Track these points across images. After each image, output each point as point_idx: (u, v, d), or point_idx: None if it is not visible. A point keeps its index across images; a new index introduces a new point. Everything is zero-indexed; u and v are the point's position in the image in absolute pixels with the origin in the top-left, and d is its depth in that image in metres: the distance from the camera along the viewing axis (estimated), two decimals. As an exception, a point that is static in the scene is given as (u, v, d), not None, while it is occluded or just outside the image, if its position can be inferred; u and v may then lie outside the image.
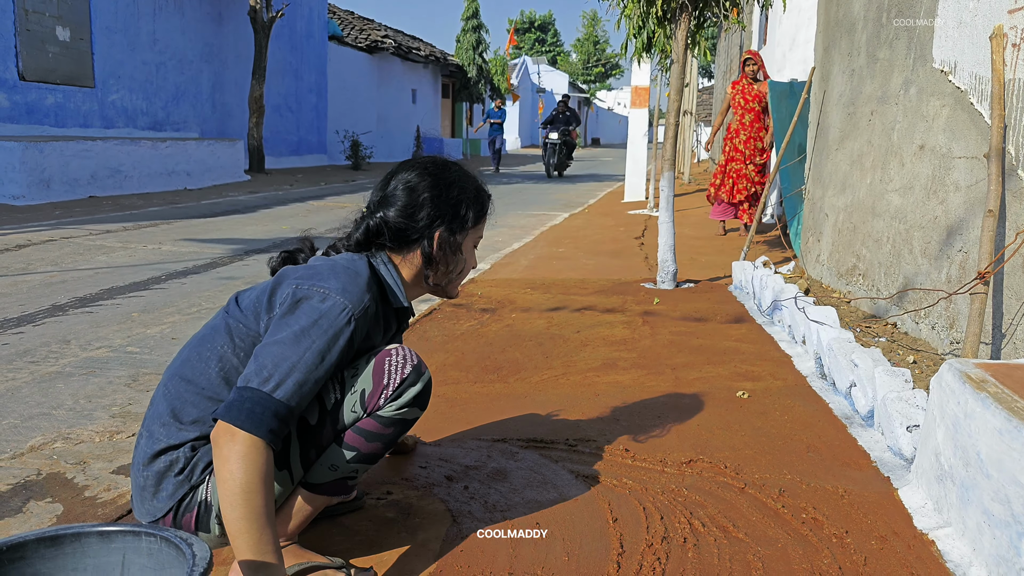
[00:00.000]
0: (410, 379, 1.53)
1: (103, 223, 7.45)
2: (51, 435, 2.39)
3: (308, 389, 1.40)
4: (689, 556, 1.68)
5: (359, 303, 1.47)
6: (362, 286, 1.50)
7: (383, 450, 1.55)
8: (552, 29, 54.02)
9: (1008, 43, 2.86)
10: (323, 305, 1.44)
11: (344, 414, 1.51)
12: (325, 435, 1.52)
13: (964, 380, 1.83)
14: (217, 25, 14.20)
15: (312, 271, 1.53)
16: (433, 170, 1.65)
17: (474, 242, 1.73)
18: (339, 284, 1.47)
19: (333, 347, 1.42)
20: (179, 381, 1.53)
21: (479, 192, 1.70)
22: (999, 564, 1.57)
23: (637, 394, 2.81)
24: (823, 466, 2.19)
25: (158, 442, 1.49)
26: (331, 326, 1.42)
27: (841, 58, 4.74)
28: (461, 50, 26.17)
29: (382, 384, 1.51)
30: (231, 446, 1.31)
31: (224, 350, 1.52)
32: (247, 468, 1.30)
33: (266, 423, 1.33)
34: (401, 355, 1.54)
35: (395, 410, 1.52)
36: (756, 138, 7.19)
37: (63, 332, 3.57)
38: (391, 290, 1.62)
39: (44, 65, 10.62)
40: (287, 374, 1.37)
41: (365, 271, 1.54)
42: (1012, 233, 2.81)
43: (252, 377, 1.37)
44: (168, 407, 1.51)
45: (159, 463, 1.49)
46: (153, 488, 1.49)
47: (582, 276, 5.28)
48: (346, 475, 1.55)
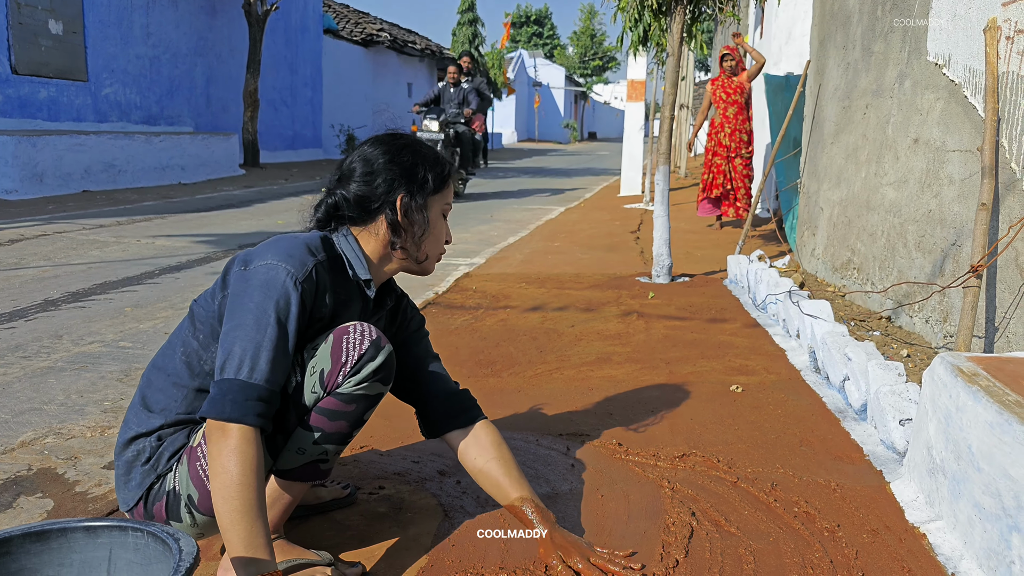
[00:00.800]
0: (368, 354, 1.48)
1: (96, 218, 7.42)
2: (42, 430, 2.38)
3: (280, 363, 1.39)
4: (681, 550, 1.68)
5: (301, 267, 1.45)
6: (303, 250, 1.47)
7: (349, 428, 1.52)
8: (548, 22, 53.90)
9: (1002, 36, 2.85)
10: (268, 275, 1.43)
11: (305, 395, 1.48)
12: (290, 419, 1.49)
13: (956, 374, 1.83)
14: (211, 18, 14.14)
15: (257, 249, 1.51)
16: (385, 139, 1.63)
17: (442, 210, 1.65)
18: (280, 253, 1.46)
19: (288, 314, 1.41)
20: (152, 368, 1.57)
21: (436, 157, 1.65)
22: (989, 557, 1.57)
23: (631, 388, 2.81)
24: (816, 460, 2.19)
25: (130, 429, 1.52)
26: (279, 294, 1.41)
27: (836, 51, 4.73)
28: (457, 44, 26.12)
29: (340, 362, 1.47)
30: (223, 441, 1.32)
31: (186, 335, 1.54)
32: (240, 461, 1.30)
33: (252, 408, 1.34)
34: (359, 331, 1.50)
35: (354, 385, 1.48)
36: (741, 130, 7.28)
37: (55, 327, 3.55)
38: (349, 261, 1.57)
39: (37, 58, 10.56)
40: (256, 355, 1.37)
41: (313, 239, 1.53)
42: (1005, 226, 2.81)
43: (226, 367, 1.37)
44: (140, 394, 1.55)
45: (129, 452, 1.52)
46: (124, 476, 1.52)
47: (577, 270, 5.27)
48: (315, 458, 1.52)
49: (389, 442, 2.26)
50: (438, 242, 1.66)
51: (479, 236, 6.98)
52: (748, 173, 7.36)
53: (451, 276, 4.94)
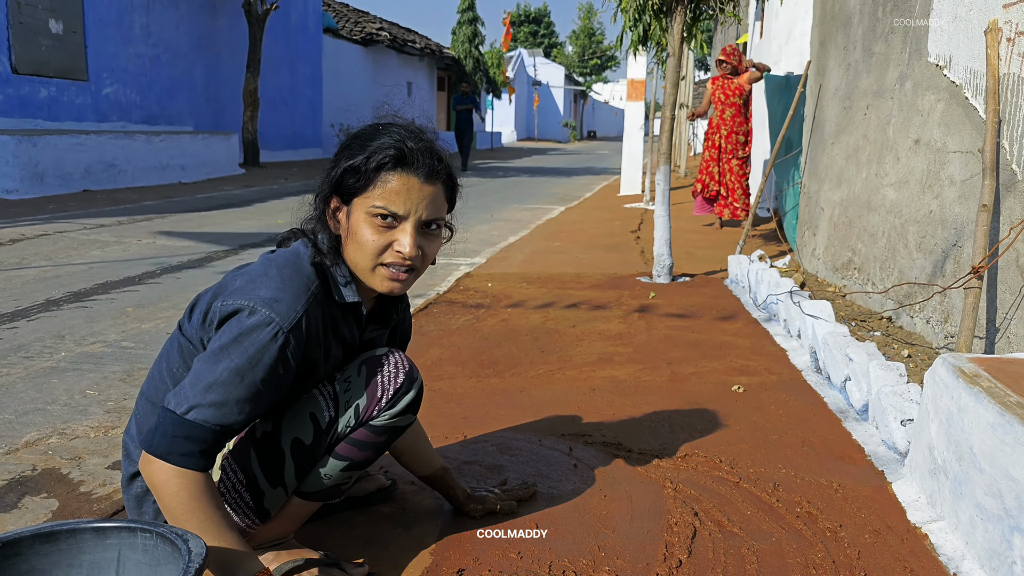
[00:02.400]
0: (403, 387, 1.48)
1: (97, 217, 7.43)
2: (46, 430, 2.39)
3: (232, 411, 1.28)
4: (684, 550, 1.69)
5: (289, 315, 1.31)
6: (297, 289, 1.33)
7: (375, 457, 1.54)
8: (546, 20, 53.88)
9: (1003, 37, 2.86)
10: (248, 320, 1.30)
11: (339, 428, 1.48)
12: (319, 452, 1.49)
13: (957, 375, 1.84)
14: (211, 18, 14.14)
15: (247, 276, 1.38)
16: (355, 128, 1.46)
17: (366, 213, 1.36)
18: (269, 293, 1.31)
19: (257, 365, 1.28)
20: (144, 401, 1.49)
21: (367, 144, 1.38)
22: (991, 558, 1.57)
23: (633, 389, 2.81)
24: (817, 460, 2.20)
25: (132, 464, 1.47)
26: (253, 343, 1.28)
27: (837, 52, 4.74)
28: (457, 43, 26.12)
29: (376, 397, 1.47)
30: (151, 473, 1.26)
31: (173, 368, 1.45)
32: (172, 491, 1.25)
33: (178, 447, 1.25)
34: (393, 363, 1.48)
35: (388, 419, 1.49)
36: (737, 132, 7.38)
37: (57, 327, 3.56)
38: (334, 282, 1.42)
39: (37, 58, 10.56)
40: (203, 395, 1.27)
41: (305, 265, 1.38)
42: (1006, 228, 2.82)
43: (171, 398, 1.29)
44: (137, 427, 1.49)
45: (135, 487, 1.48)
46: (136, 510, 1.50)
47: (578, 270, 5.28)
48: (339, 482, 1.54)
49: (392, 442, 2.27)
50: (361, 251, 1.38)
51: (480, 236, 6.99)
52: (745, 173, 7.45)
53: (452, 276, 4.94)
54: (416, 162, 1.37)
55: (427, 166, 1.38)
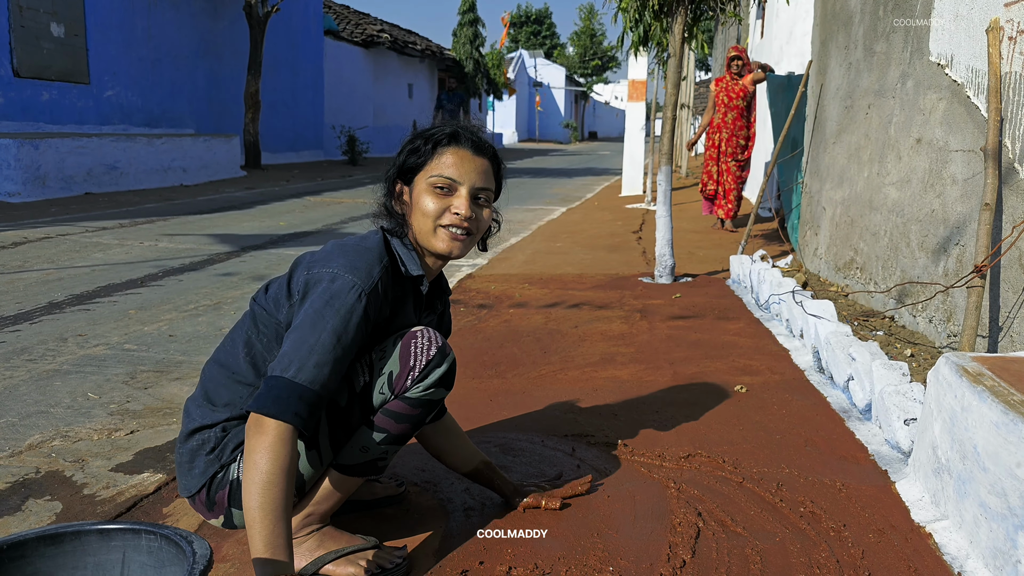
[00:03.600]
0: (435, 360, 1.54)
1: (99, 220, 7.43)
2: (49, 433, 2.39)
3: (330, 370, 1.40)
4: (688, 550, 1.69)
5: (367, 278, 1.47)
6: (370, 260, 1.50)
7: (412, 431, 1.58)
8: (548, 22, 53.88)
9: (1005, 36, 2.85)
10: (333, 286, 1.45)
11: (374, 396, 1.54)
12: (354, 417, 1.54)
13: (961, 374, 1.83)
14: (212, 20, 14.16)
15: (323, 254, 1.55)
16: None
17: (431, 183, 1.56)
18: (346, 261, 1.48)
19: (348, 325, 1.43)
20: (214, 365, 1.61)
21: (427, 132, 1.62)
22: (995, 556, 1.57)
23: (635, 389, 2.81)
24: (821, 460, 2.19)
25: (193, 421, 1.57)
26: (342, 305, 1.43)
27: (838, 51, 4.74)
28: (458, 44, 26.11)
29: (408, 366, 1.52)
30: (259, 436, 1.34)
31: (250, 336, 1.58)
32: (271, 459, 1.32)
33: (291, 407, 1.35)
34: (426, 336, 1.55)
35: (422, 391, 1.54)
36: (738, 136, 7.43)
37: (60, 330, 3.56)
38: (401, 258, 1.59)
39: (39, 61, 10.58)
40: (306, 358, 1.39)
41: (376, 244, 1.55)
42: (1009, 227, 2.81)
43: (275, 366, 1.40)
44: (203, 389, 1.60)
45: (193, 441, 1.57)
46: (188, 464, 1.57)
47: (580, 271, 5.28)
48: (376, 456, 1.57)
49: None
50: (425, 217, 1.56)
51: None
52: (741, 176, 7.50)
53: (454, 277, 4.94)
54: (466, 138, 1.61)
55: (475, 141, 1.62)
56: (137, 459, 2.21)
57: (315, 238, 6.67)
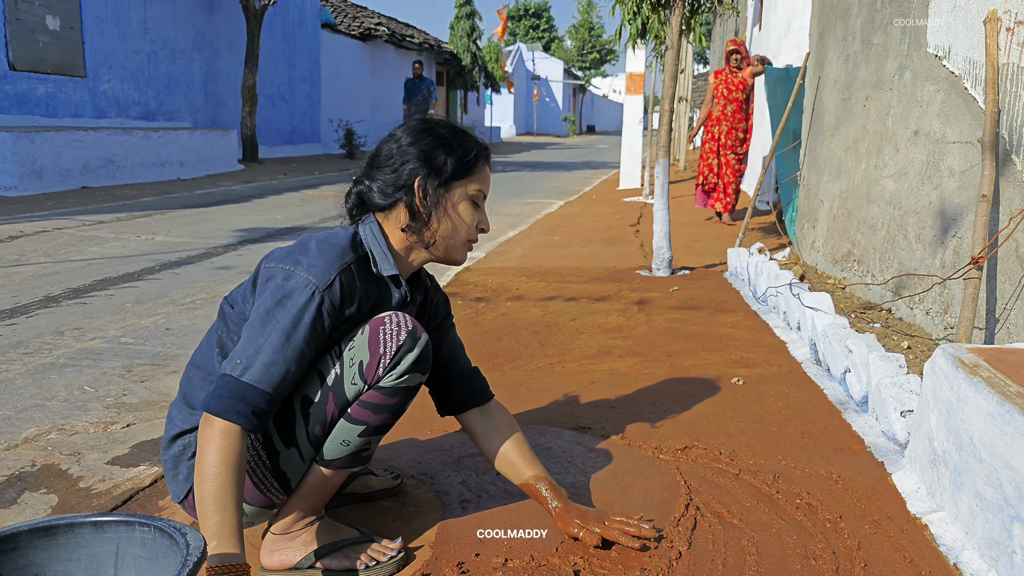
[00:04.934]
0: (406, 345, 1.49)
1: (96, 214, 7.42)
2: (45, 426, 2.38)
3: (279, 370, 1.39)
4: (684, 541, 1.69)
5: (324, 275, 1.44)
6: (331, 257, 1.47)
7: (393, 419, 1.55)
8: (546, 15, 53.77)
9: (1002, 27, 2.85)
10: (287, 283, 1.43)
11: (346, 387, 1.50)
12: (329, 410, 1.51)
13: (957, 365, 1.83)
14: (209, 13, 14.10)
15: (286, 249, 1.53)
16: (412, 124, 1.61)
17: (470, 196, 1.60)
18: (306, 260, 1.46)
19: (299, 324, 1.41)
20: (191, 367, 1.60)
21: (463, 140, 1.59)
22: (991, 547, 1.57)
23: (632, 381, 2.81)
24: (817, 452, 2.20)
25: (175, 426, 1.56)
26: (293, 304, 1.41)
27: (836, 43, 4.73)
28: (455, 37, 26.06)
29: (378, 353, 1.48)
30: (207, 432, 1.35)
31: (221, 335, 1.56)
32: (215, 451, 1.33)
33: (232, 406, 1.35)
34: (395, 321, 1.50)
35: (396, 379, 1.50)
36: (737, 128, 7.42)
37: (56, 323, 3.56)
38: (374, 257, 1.56)
39: (34, 55, 10.54)
40: (253, 357, 1.38)
41: (343, 240, 1.52)
42: (1006, 218, 2.81)
43: (226, 364, 1.40)
44: (182, 393, 1.59)
45: (175, 447, 1.56)
46: (172, 471, 1.57)
47: (577, 264, 5.28)
48: (358, 448, 1.55)
49: (391, 436, 2.26)
50: (458, 229, 1.60)
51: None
52: (740, 169, 7.49)
53: (451, 270, 4.94)
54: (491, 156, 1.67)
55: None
56: (133, 452, 2.21)
57: (312, 231, 6.65)
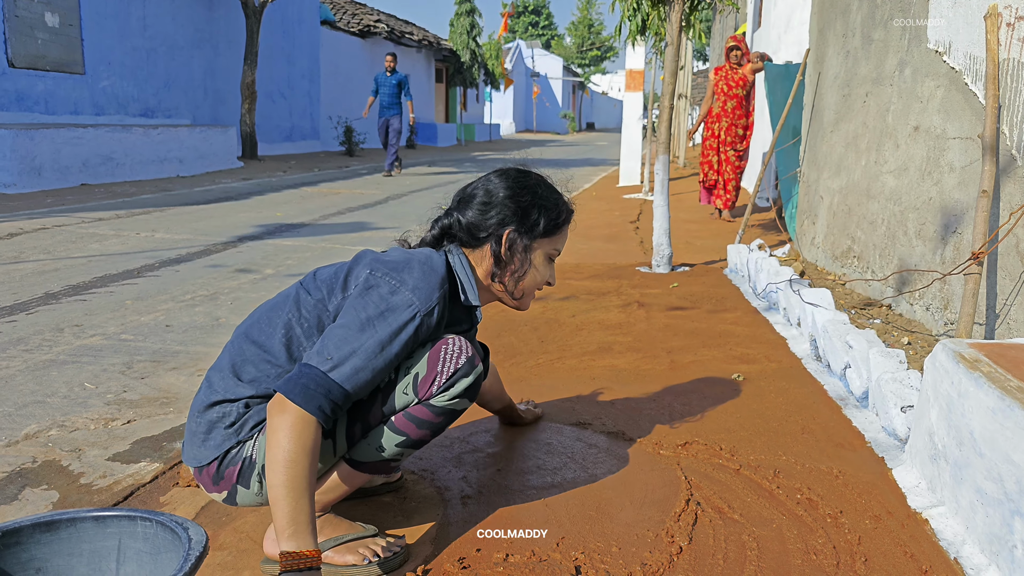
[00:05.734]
0: (463, 369, 1.54)
1: (95, 211, 7.41)
2: (46, 423, 2.39)
3: (365, 376, 1.43)
4: (685, 537, 1.69)
5: (427, 301, 1.50)
6: (434, 283, 1.52)
7: (431, 437, 1.58)
8: (545, 12, 53.70)
9: (1003, 23, 2.84)
10: (392, 298, 1.48)
11: (396, 395, 1.53)
12: (373, 413, 1.54)
13: (958, 360, 1.83)
14: (208, 10, 14.08)
15: (390, 259, 1.57)
16: (512, 173, 1.71)
17: (548, 254, 1.73)
18: (412, 279, 1.51)
19: (395, 340, 1.46)
20: (245, 340, 1.59)
21: (557, 202, 1.72)
22: (992, 542, 1.58)
23: (632, 378, 2.81)
24: (818, 447, 2.20)
25: (215, 393, 1.55)
26: (396, 320, 1.46)
27: (836, 39, 4.72)
28: (455, 34, 26.02)
29: (435, 371, 1.52)
30: (282, 417, 1.37)
31: (290, 319, 1.57)
32: (294, 439, 1.35)
33: (316, 400, 1.38)
34: (457, 345, 1.55)
35: (447, 400, 1.54)
36: (737, 125, 7.42)
37: (56, 320, 3.55)
38: (463, 286, 1.65)
39: (33, 51, 10.52)
40: (346, 358, 1.42)
41: (441, 268, 1.57)
42: (1006, 213, 2.81)
43: (314, 356, 1.43)
44: (230, 362, 1.57)
45: (212, 412, 1.55)
46: (203, 435, 1.55)
47: (577, 261, 5.27)
48: (391, 457, 1.58)
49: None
50: (536, 282, 1.73)
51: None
52: (740, 165, 7.50)
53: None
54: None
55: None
56: (134, 448, 2.21)
57: (312, 229, 6.66)
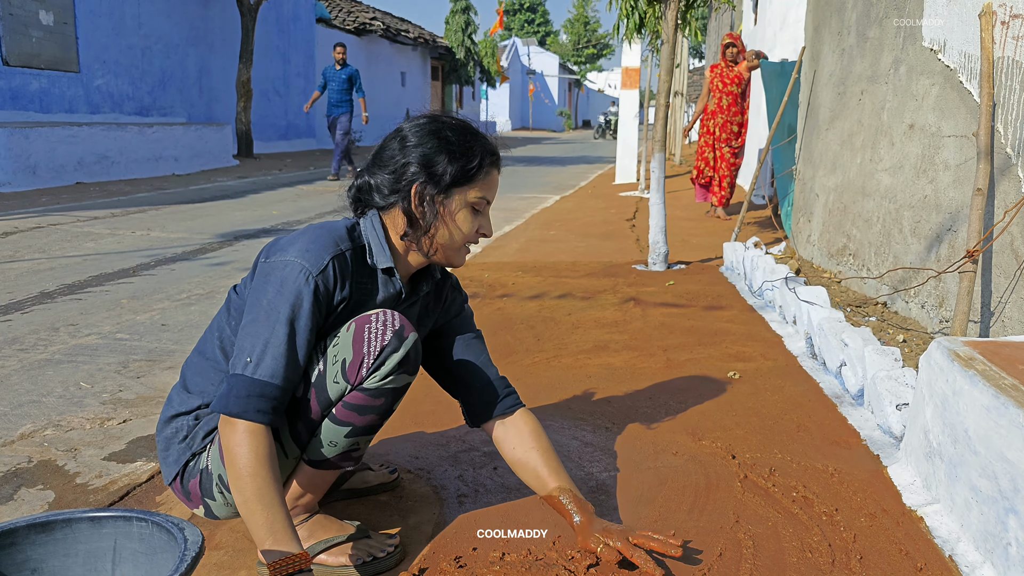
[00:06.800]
0: (391, 344, 1.43)
1: (90, 209, 7.39)
2: (41, 422, 2.38)
3: (286, 361, 1.38)
4: (681, 536, 1.69)
5: (316, 261, 1.42)
6: (325, 243, 1.44)
7: (379, 420, 1.51)
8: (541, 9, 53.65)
9: (997, 21, 2.85)
10: (283, 272, 1.41)
11: (328, 386, 1.46)
12: (313, 408, 1.48)
13: (952, 358, 1.84)
14: (203, 8, 14.05)
15: (284, 239, 1.50)
16: (421, 122, 1.54)
17: (472, 204, 1.54)
18: (299, 247, 1.44)
19: (299, 311, 1.39)
20: (194, 352, 1.62)
21: (471, 146, 1.54)
22: (986, 539, 1.58)
23: (628, 376, 2.81)
24: (813, 445, 2.20)
25: (172, 407, 1.58)
26: (291, 291, 1.40)
27: (831, 37, 4.73)
28: (450, 32, 26.00)
29: (362, 352, 1.43)
30: (230, 435, 1.35)
31: (221, 321, 1.58)
32: (248, 452, 1.33)
33: (253, 405, 1.36)
34: (381, 320, 1.45)
35: (380, 380, 1.45)
36: (732, 121, 7.44)
37: (52, 319, 3.55)
38: (371, 248, 1.52)
39: (28, 50, 10.49)
40: (263, 353, 1.38)
41: (339, 229, 1.49)
42: (1001, 211, 2.82)
43: (235, 363, 1.39)
44: (182, 376, 1.61)
45: (169, 429, 1.57)
46: (164, 452, 1.58)
47: (573, 259, 5.28)
48: (347, 449, 1.52)
49: (389, 431, 2.27)
50: (455, 237, 1.54)
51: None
52: (735, 163, 7.50)
53: (447, 265, 4.93)
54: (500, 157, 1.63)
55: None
56: (130, 448, 2.21)
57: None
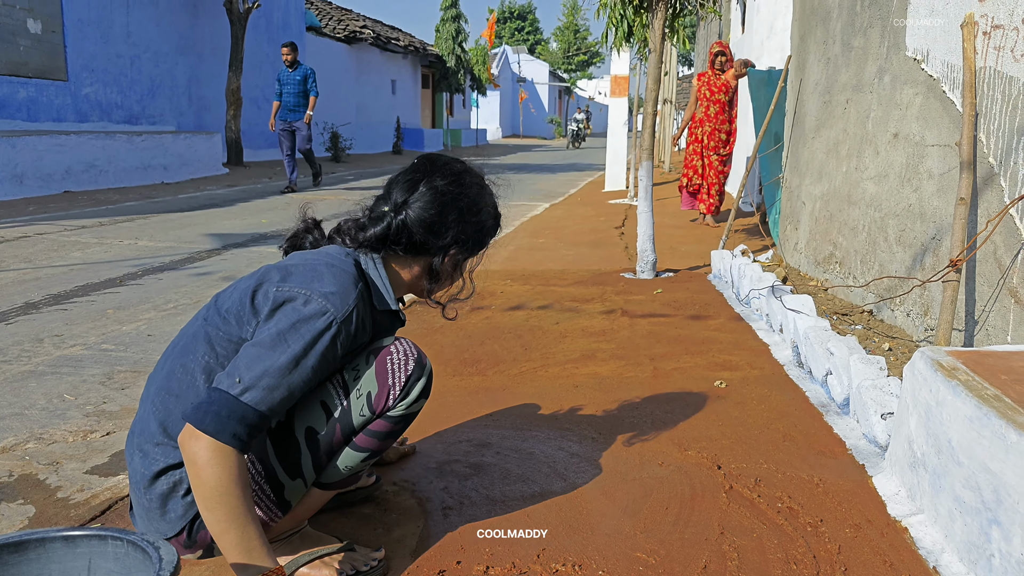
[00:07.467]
0: (414, 374, 1.53)
1: (78, 219, 7.35)
2: (23, 435, 2.36)
3: (280, 394, 1.34)
4: (666, 547, 1.69)
5: (342, 305, 1.40)
6: (347, 286, 1.43)
7: (391, 444, 1.58)
8: (531, 17, 53.83)
9: (979, 31, 2.87)
10: (305, 309, 1.38)
11: (354, 419, 1.51)
12: (336, 440, 1.52)
13: (936, 368, 1.84)
14: (192, 17, 14.02)
15: (296, 269, 1.46)
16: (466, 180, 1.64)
17: (472, 264, 1.73)
18: (322, 286, 1.41)
19: (311, 352, 1.37)
20: (166, 396, 1.47)
21: (497, 218, 1.71)
22: (970, 550, 1.58)
23: (615, 385, 2.81)
24: (799, 455, 2.20)
25: (155, 462, 1.46)
26: (310, 331, 1.37)
27: (817, 46, 4.76)
28: (440, 40, 26.04)
29: (387, 385, 1.50)
30: (196, 450, 1.28)
31: (207, 360, 1.46)
32: (220, 472, 1.28)
33: (230, 428, 1.29)
34: (401, 351, 1.53)
35: (405, 408, 1.54)
36: (720, 129, 7.47)
37: (36, 330, 3.52)
38: (378, 292, 1.55)
39: (15, 58, 10.44)
40: (258, 378, 1.33)
41: (351, 269, 1.48)
42: (983, 221, 2.83)
43: (224, 378, 1.33)
44: (159, 425, 1.47)
45: (160, 485, 1.46)
46: (159, 510, 1.47)
47: (562, 267, 5.28)
48: (357, 471, 1.58)
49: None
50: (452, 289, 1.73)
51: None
52: (724, 170, 7.54)
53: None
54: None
55: None
56: (113, 461, 2.19)
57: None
